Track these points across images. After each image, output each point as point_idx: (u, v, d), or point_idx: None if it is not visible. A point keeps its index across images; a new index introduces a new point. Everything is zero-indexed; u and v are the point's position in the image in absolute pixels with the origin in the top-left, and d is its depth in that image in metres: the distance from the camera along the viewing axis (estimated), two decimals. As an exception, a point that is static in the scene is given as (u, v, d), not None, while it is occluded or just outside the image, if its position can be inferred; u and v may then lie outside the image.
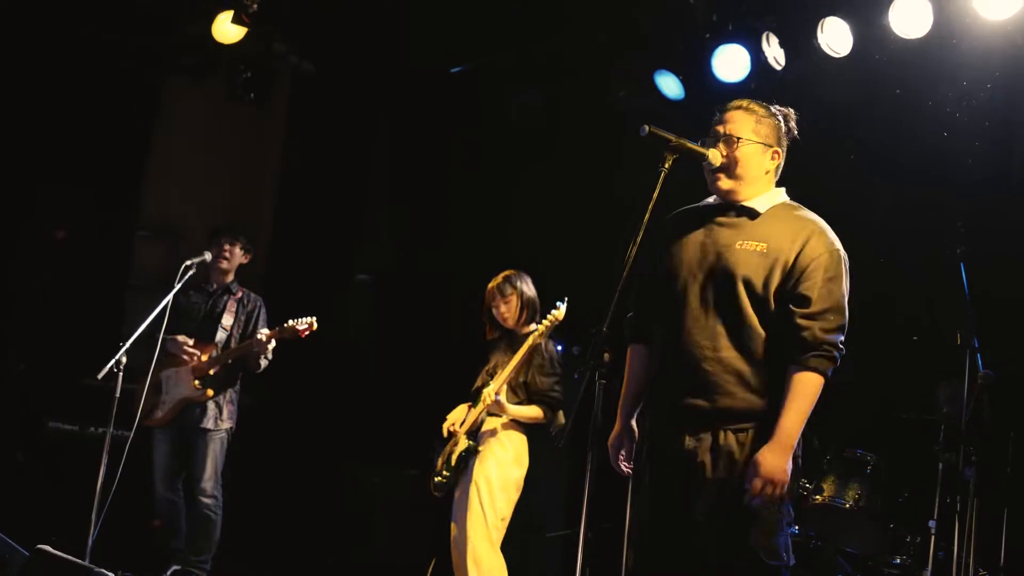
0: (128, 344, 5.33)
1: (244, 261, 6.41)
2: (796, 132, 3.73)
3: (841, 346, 3.41)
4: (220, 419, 6.11)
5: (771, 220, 3.57)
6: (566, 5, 6.94)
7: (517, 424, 5.37)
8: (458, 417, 5.55)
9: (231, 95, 8.00)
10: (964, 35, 5.74)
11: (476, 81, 7.94)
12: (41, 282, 7.33)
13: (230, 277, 6.34)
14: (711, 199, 3.74)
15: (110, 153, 7.67)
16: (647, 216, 3.55)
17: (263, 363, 6.12)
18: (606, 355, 3.59)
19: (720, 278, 3.52)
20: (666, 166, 3.63)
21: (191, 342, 6.04)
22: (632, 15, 6.88)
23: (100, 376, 5.24)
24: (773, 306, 3.46)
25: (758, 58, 6.44)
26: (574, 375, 5.35)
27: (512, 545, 5.37)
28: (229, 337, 6.20)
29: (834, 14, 6.06)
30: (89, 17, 7.19)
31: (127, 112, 7.80)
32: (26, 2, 6.97)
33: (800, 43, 6.26)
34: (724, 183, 3.62)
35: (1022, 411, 5.14)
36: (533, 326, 5.42)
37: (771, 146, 3.64)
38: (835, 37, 6.09)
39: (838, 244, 3.51)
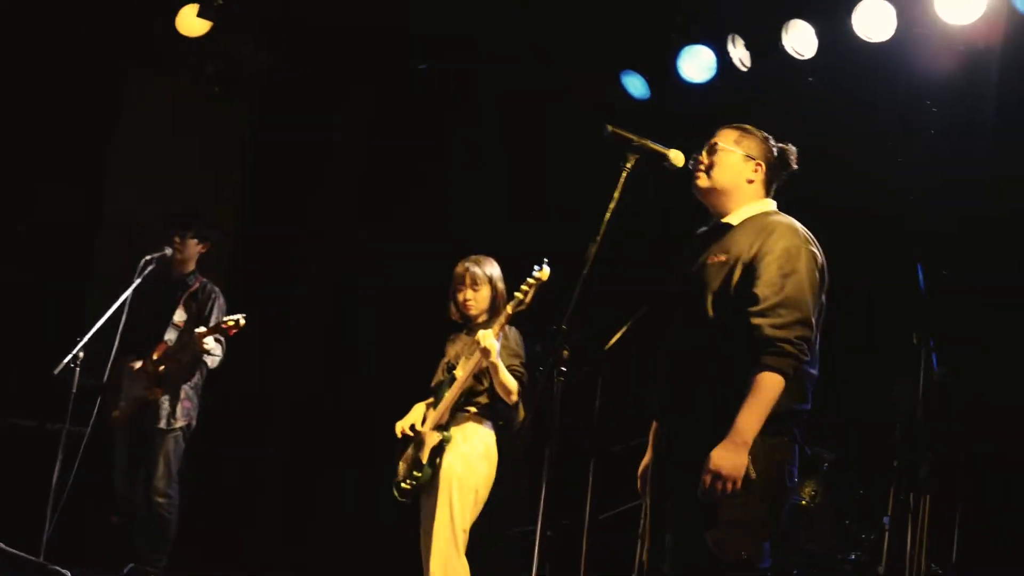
0: (85, 340, 5.32)
1: (201, 250, 6.36)
2: (795, 166, 3.79)
3: (799, 340, 3.34)
4: (173, 418, 6.05)
5: (740, 230, 3.60)
6: (532, 4, 6.95)
7: (484, 420, 5.24)
8: (417, 417, 5.33)
9: (197, 88, 7.99)
10: (927, 39, 5.80)
11: (442, 77, 7.95)
12: (5, 278, 7.27)
13: (187, 268, 6.31)
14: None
15: (71, 146, 7.61)
16: (607, 216, 3.58)
17: (210, 361, 6.09)
18: (565, 352, 3.63)
19: (695, 294, 3.58)
20: (628, 166, 3.67)
21: (137, 364, 6.03)
22: (598, 15, 6.91)
23: (57, 371, 5.23)
24: (737, 313, 3.45)
25: (724, 59, 6.49)
26: (536, 369, 5.33)
27: (473, 543, 5.36)
28: (181, 333, 6.14)
29: (799, 17, 6.12)
30: (48, 7, 7.14)
31: (89, 105, 7.73)
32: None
33: (765, 45, 6.32)
34: (701, 180, 3.68)
35: (975, 409, 5.18)
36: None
37: (753, 158, 3.69)
38: (800, 39, 6.15)
39: (801, 241, 3.49)
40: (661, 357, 3.71)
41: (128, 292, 5.54)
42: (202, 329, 5.93)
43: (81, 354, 5.29)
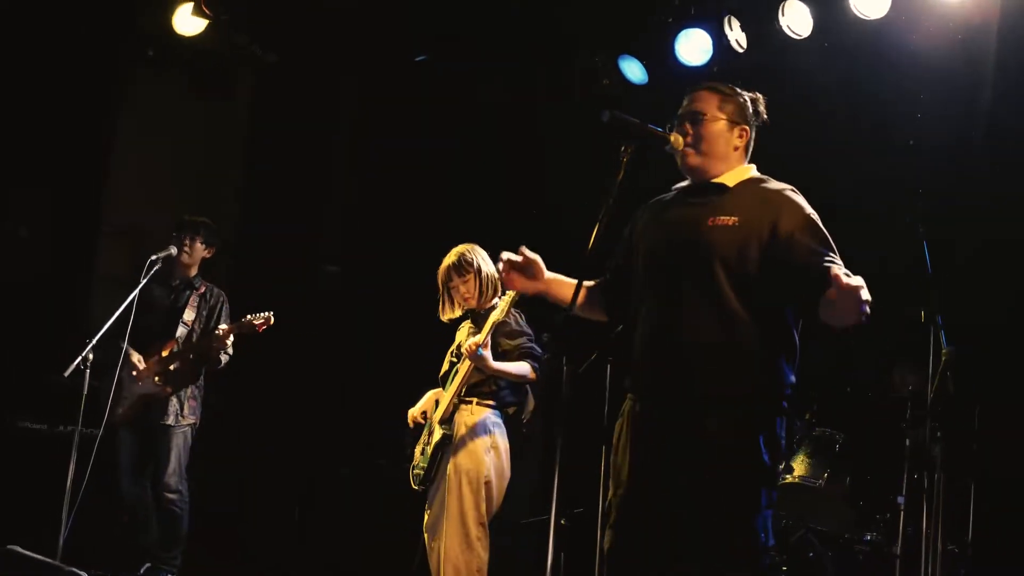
0: (94, 341, 5.32)
1: (207, 255, 6.39)
2: (765, 116, 3.73)
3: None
4: (182, 415, 6.09)
5: (741, 193, 3.53)
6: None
7: (488, 410, 5.17)
8: (428, 406, 5.34)
9: (194, 87, 7.98)
10: (922, 15, 5.79)
11: (438, 70, 7.94)
12: (8, 278, 7.29)
13: (193, 271, 6.34)
14: (682, 183, 3.71)
15: (72, 149, 7.60)
16: (611, 201, 3.57)
17: (223, 358, 6.12)
18: (572, 338, 3.62)
19: (695, 258, 3.46)
20: (628, 151, 3.64)
21: (141, 364, 6.04)
22: (599, 6, 6.92)
23: (67, 374, 5.23)
24: (753, 281, 3.38)
25: (720, 41, 6.49)
26: (543, 357, 5.31)
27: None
28: (190, 332, 6.18)
29: (794, -3, 6.14)
30: (47, 9, 7.14)
31: (89, 107, 7.72)
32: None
33: (761, 26, 6.31)
34: (693, 159, 3.58)
35: (986, 385, 5.18)
36: (497, 299, 5.21)
37: (737, 123, 3.62)
38: (796, 19, 6.16)
39: (809, 208, 3.45)
40: (645, 326, 3.56)
41: (135, 292, 5.54)
42: (226, 326, 5.98)
43: (90, 355, 5.28)
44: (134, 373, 6.03)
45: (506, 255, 3.69)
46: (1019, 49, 5.65)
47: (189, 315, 6.22)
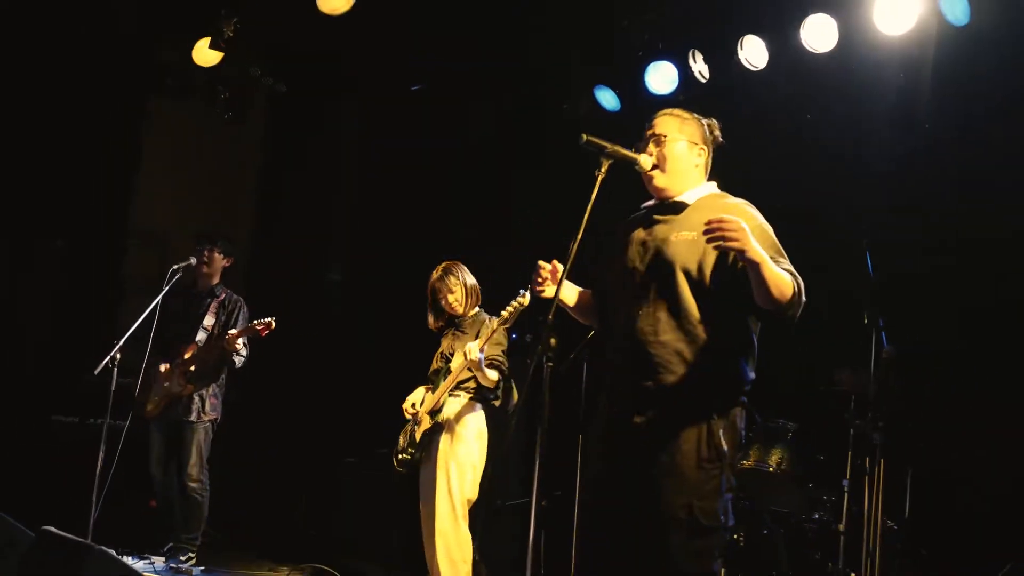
0: (121, 343, 5.33)
1: (226, 264, 6.40)
2: (721, 138, 3.74)
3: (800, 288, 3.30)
4: (203, 412, 6.10)
5: (700, 209, 3.50)
6: (516, 30, 6.95)
7: (475, 403, 5.29)
8: (417, 398, 5.45)
9: (211, 114, 8.00)
10: (866, 49, 5.81)
11: (433, 97, 7.95)
12: (46, 286, 7.29)
13: (214, 280, 6.34)
14: (650, 202, 3.70)
15: (103, 169, 7.62)
16: (586, 216, 3.58)
17: (238, 360, 6.11)
18: (552, 340, 3.64)
19: (661, 270, 3.47)
20: (602, 171, 3.65)
21: (167, 364, 6.06)
22: (574, 36, 6.93)
23: (96, 372, 5.24)
24: (712, 288, 3.39)
25: (685, 72, 6.50)
26: (527, 360, 5.36)
27: (473, 516, 5.36)
28: (210, 336, 6.19)
29: (752, 32, 6.13)
30: (84, 43, 7.17)
31: (119, 131, 7.75)
32: (27, 34, 6.95)
33: (722, 58, 6.32)
34: (659, 180, 3.58)
35: (922, 381, 5.20)
36: (479, 309, 5.44)
37: (696, 143, 3.62)
38: (753, 53, 6.17)
39: (761, 219, 3.46)
40: (619, 332, 3.54)
41: (159, 298, 5.56)
42: (234, 331, 5.97)
43: (118, 355, 5.29)
44: (161, 371, 6.06)
45: (544, 264, 3.65)
46: (952, 79, 5.67)
47: (209, 320, 6.23)
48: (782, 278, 3.19)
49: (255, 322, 5.89)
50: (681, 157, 3.59)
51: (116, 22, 7.28)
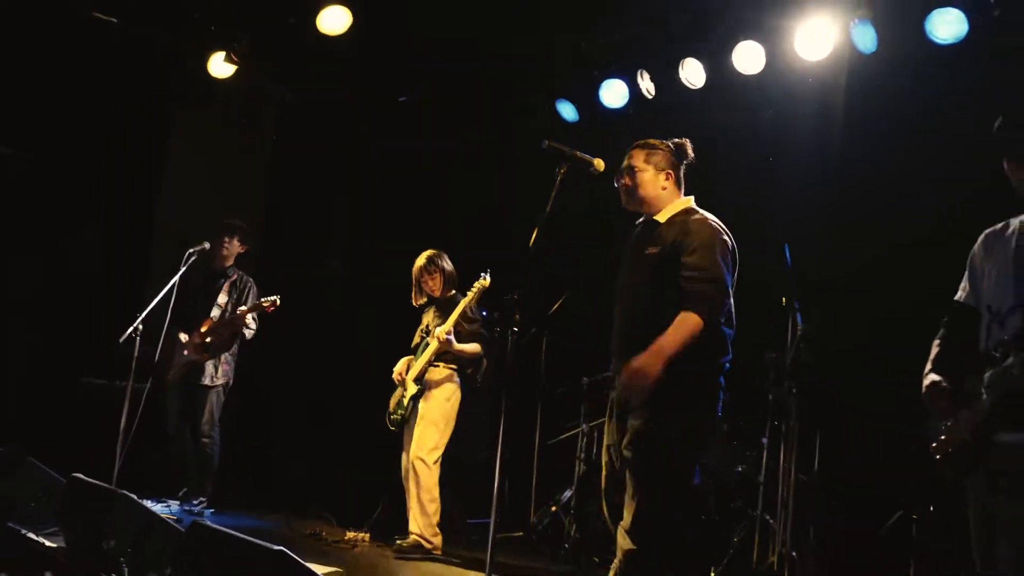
0: (143, 315, 5.33)
1: (241, 251, 6.44)
2: (692, 155, 3.81)
3: (713, 294, 3.44)
4: (215, 376, 6.11)
5: (667, 226, 3.65)
6: (491, 51, 6.93)
7: (452, 373, 5.37)
8: (403, 367, 5.54)
9: (227, 120, 7.95)
10: (788, 72, 5.83)
11: (419, 108, 7.92)
12: (77, 268, 7.25)
13: (228, 263, 6.36)
14: (640, 219, 3.83)
15: (134, 167, 7.58)
16: (549, 206, 3.59)
17: (248, 332, 6.12)
18: (517, 316, 3.63)
19: (638, 275, 3.63)
20: (562, 171, 3.68)
21: (185, 338, 6.10)
22: (537, 57, 6.91)
23: (121, 340, 5.24)
24: (674, 290, 3.49)
25: (634, 90, 6.52)
26: (495, 330, 5.42)
27: (446, 466, 5.38)
28: (223, 312, 6.20)
29: (692, 55, 6.14)
30: (116, 60, 7.14)
31: (147, 136, 7.71)
32: (72, 56, 6.95)
33: (666, 78, 6.34)
34: (625, 202, 3.76)
35: (828, 357, 5.21)
36: (455, 292, 5.49)
37: (663, 169, 3.70)
38: (692, 73, 6.20)
39: (714, 230, 3.56)
40: (615, 324, 3.74)
41: (176, 278, 5.53)
42: (244, 307, 6.01)
43: (140, 327, 5.27)
44: (182, 341, 6.08)
45: None
46: (861, 99, 5.70)
47: (223, 298, 6.24)
48: (681, 333, 3.37)
49: (263, 299, 5.92)
50: (648, 183, 3.69)
51: (149, 42, 7.25)
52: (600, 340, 6.27)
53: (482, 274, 5.21)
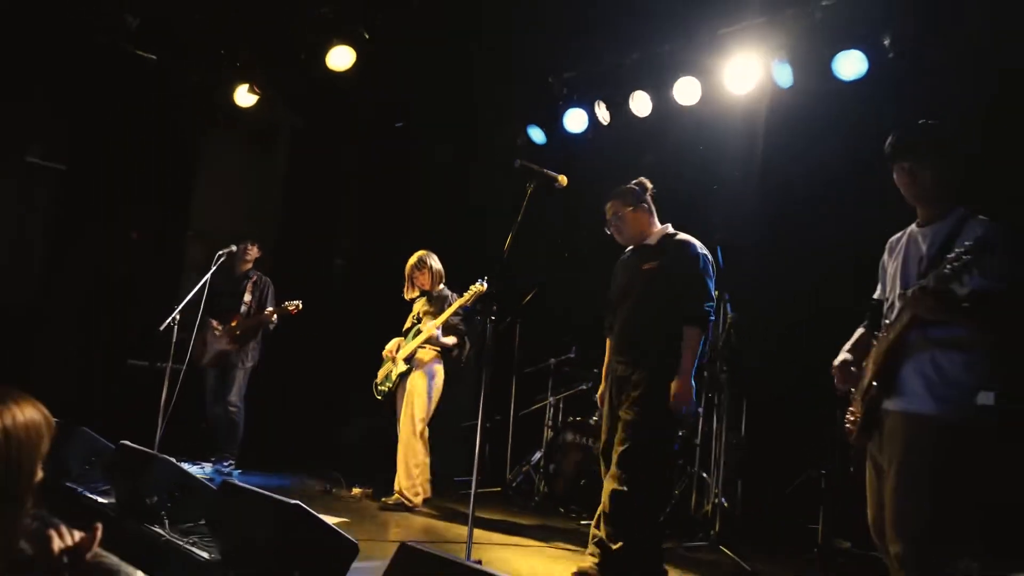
0: (180, 307, 5.30)
1: (259, 255, 6.45)
2: (650, 186, 3.95)
3: (708, 313, 3.68)
4: (245, 361, 6.15)
5: (658, 247, 3.83)
6: (473, 85, 6.94)
7: (437, 355, 5.31)
8: (393, 346, 5.50)
9: (249, 141, 7.91)
10: (718, 103, 5.86)
11: (413, 131, 7.91)
12: (126, 268, 7.20)
13: (249, 266, 6.39)
14: (630, 247, 3.97)
15: (171, 181, 7.54)
16: (520, 217, 3.60)
17: (271, 326, 6.16)
18: (494, 307, 3.66)
19: (639, 288, 3.76)
20: (531, 186, 3.68)
21: (220, 327, 6.12)
22: (512, 88, 6.93)
23: (161, 328, 5.21)
24: (669, 299, 3.67)
25: (592, 118, 6.52)
26: (476, 318, 5.42)
27: (435, 433, 5.38)
28: (248, 308, 6.23)
29: (640, 88, 6.16)
30: (160, 91, 7.14)
31: (182, 154, 7.65)
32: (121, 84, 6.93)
33: (618, 108, 6.35)
34: (619, 239, 3.94)
35: (753, 341, 5.26)
36: (442, 286, 5.44)
37: (635, 206, 3.87)
38: (639, 105, 6.20)
39: (701, 250, 3.77)
40: (618, 320, 3.85)
41: (207, 276, 5.51)
42: (271, 308, 6.04)
43: (178, 317, 5.24)
44: (216, 333, 6.11)
45: None
46: (779, 128, 5.73)
47: (248, 297, 6.26)
48: (693, 350, 3.61)
49: (287, 304, 5.96)
50: (630, 223, 3.88)
51: (184, 75, 7.21)
52: (563, 328, 6.37)
53: (480, 280, 5.03)
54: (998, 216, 2.72)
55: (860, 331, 3.02)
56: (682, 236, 3.82)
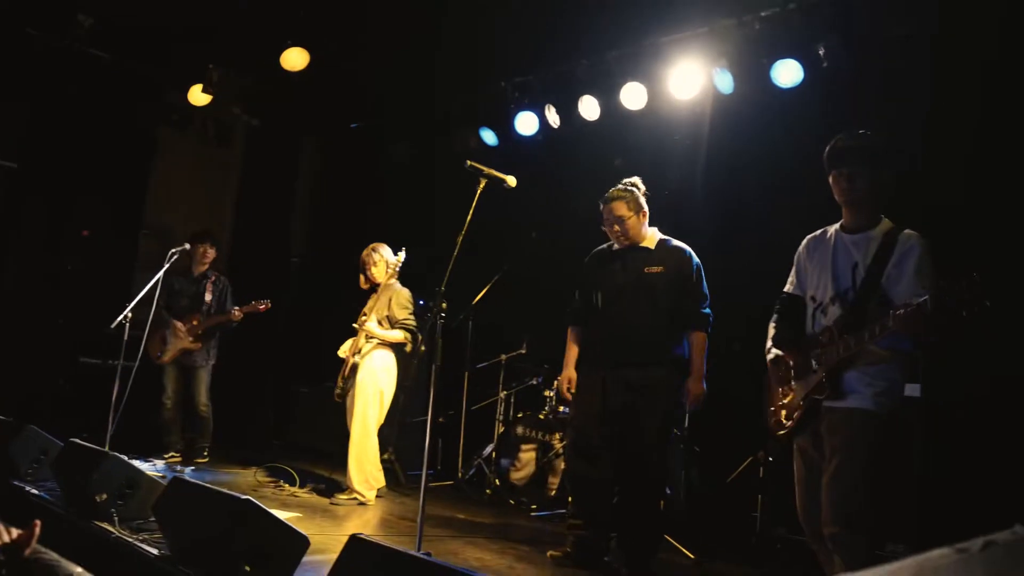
0: (132, 304, 5.19)
1: (215, 256, 6.34)
2: (644, 189, 4.04)
3: (709, 317, 3.89)
4: (208, 359, 6.13)
5: (659, 252, 3.94)
6: (428, 89, 6.91)
7: (387, 350, 5.21)
8: (348, 346, 5.33)
9: (203, 140, 7.77)
10: (664, 108, 5.92)
11: (368, 132, 7.86)
12: (76, 264, 7.02)
13: (206, 268, 6.29)
14: (615, 245, 4.03)
15: (125, 178, 7.41)
16: (469, 217, 3.59)
17: (234, 325, 6.10)
18: (443, 304, 3.64)
19: (646, 291, 3.85)
20: (480, 186, 3.68)
21: (182, 326, 6.04)
22: (467, 94, 6.92)
23: (113, 326, 5.09)
24: (669, 301, 3.82)
25: (543, 121, 6.54)
26: (426, 315, 5.37)
27: (389, 428, 5.33)
28: (208, 308, 6.15)
29: (589, 93, 6.20)
30: (114, 90, 7.02)
31: (137, 152, 7.51)
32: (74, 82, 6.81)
33: (568, 111, 6.38)
34: (612, 238, 4.01)
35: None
36: (393, 281, 5.31)
37: (639, 212, 3.96)
38: (588, 109, 6.24)
39: (696, 258, 3.95)
40: (606, 322, 3.93)
41: (160, 274, 5.38)
42: (237, 310, 5.97)
43: (130, 314, 5.13)
44: (180, 334, 6.04)
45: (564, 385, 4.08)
46: (721, 133, 5.80)
47: (208, 297, 6.19)
48: (702, 351, 3.83)
49: (255, 302, 5.92)
50: (632, 227, 3.95)
51: (137, 74, 7.08)
52: (514, 326, 6.38)
53: (398, 252, 5.13)
54: (920, 225, 2.83)
55: (776, 327, 3.10)
56: (677, 243, 3.99)
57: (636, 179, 4.04)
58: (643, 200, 3.96)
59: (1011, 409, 4.24)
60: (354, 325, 5.28)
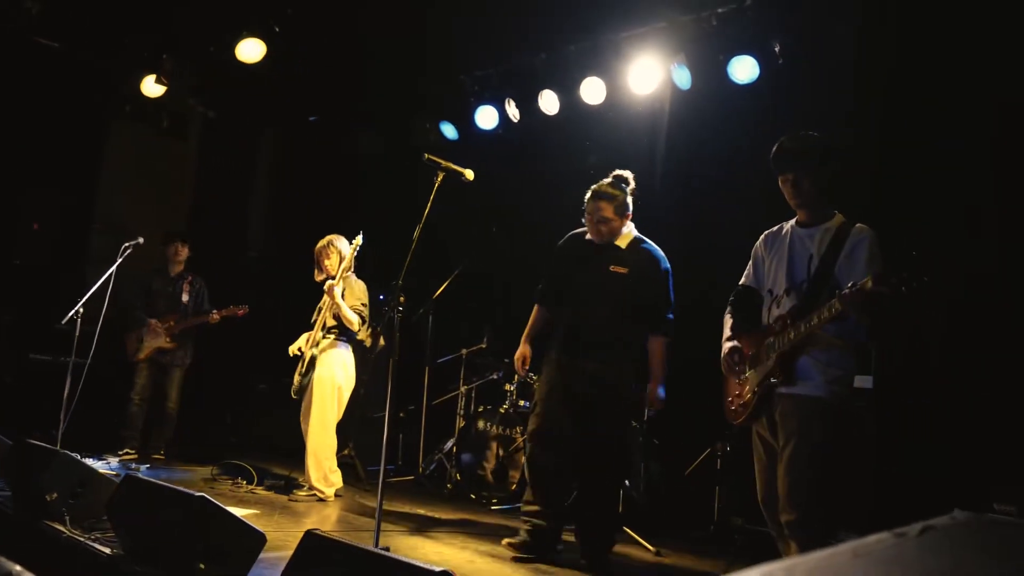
0: (83, 300, 5.08)
1: (189, 255, 6.31)
2: (633, 184, 4.02)
3: (672, 323, 3.91)
4: (184, 360, 6.17)
5: (628, 252, 3.92)
6: (388, 82, 6.86)
7: (343, 342, 5.09)
8: (302, 342, 5.21)
9: (158, 132, 7.62)
10: (623, 103, 5.96)
11: (327, 125, 7.78)
12: (25, 259, 6.85)
13: (182, 267, 6.29)
14: (588, 235, 4.01)
15: (77, 172, 7.27)
16: (427, 210, 3.58)
17: (210, 324, 6.10)
18: (401, 298, 3.62)
19: (609, 291, 3.86)
20: (438, 180, 3.67)
21: (159, 325, 6.05)
22: (426, 86, 6.89)
23: (64, 322, 4.98)
24: (632, 301, 3.83)
25: (503, 115, 6.54)
26: (384, 309, 5.29)
27: (348, 423, 5.27)
28: (185, 308, 6.18)
29: (548, 88, 6.21)
30: (64, 80, 6.86)
31: (88, 145, 7.37)
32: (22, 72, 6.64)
33: (527, 106, 6.38)
34: (592, 233, 3.97)
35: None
36: (349, 274, 5.18)
37: (625, 214, 3.95)
38: (547, 103, 6.25)
39: (666, 263, 3.94)
40: (570, 313, 3.95)
41: (112, 268, 5.26)
42: (216, 312, 5.99)
43: (81, 310, 5.01)
44: (156, 332, 6.05)
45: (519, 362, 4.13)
46: (679, 126, 5.86)
47: (185, 297, 6.22)
48: (663, 357, 3.86)
49: (233, 307, 5.96)
50: (616, 228, 3.95)
51: (87, 64, 6.91)
52: (475, 320, 6.37)
53: (356, 237, 4.98)
54: (870, 219, 2.90)
55: (730, 319, 3.15)
56: (649, 245, 3.98)
57: (628, 174, 4.00)
58: (630, 201, 3.95)
59: (961, 400, 4.36)
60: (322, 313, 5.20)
